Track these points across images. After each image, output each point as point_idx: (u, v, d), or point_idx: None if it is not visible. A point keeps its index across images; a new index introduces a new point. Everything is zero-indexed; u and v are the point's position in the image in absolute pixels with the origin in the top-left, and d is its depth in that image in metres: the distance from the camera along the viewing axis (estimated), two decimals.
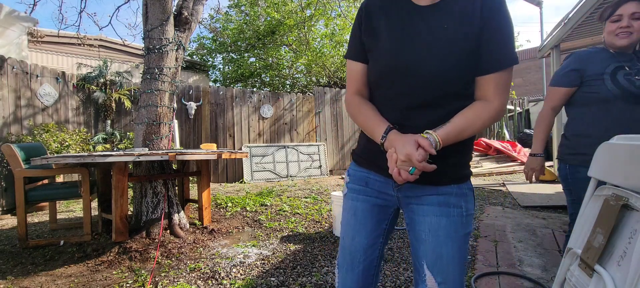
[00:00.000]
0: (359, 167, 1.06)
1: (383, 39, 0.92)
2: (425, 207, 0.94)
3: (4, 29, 5.98)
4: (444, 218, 0.92)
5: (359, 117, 0.98)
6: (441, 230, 0.92)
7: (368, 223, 1.02)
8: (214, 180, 6.62)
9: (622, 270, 0.90)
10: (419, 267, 0.96)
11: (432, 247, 0.92)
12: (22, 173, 2.79)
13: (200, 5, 3.66)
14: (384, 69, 0.92)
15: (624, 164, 1.03)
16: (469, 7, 0.86)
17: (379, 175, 1.00)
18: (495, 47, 0.85)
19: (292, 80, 12.27)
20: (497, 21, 0.85)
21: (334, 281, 2.15)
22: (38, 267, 2.44)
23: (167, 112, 3.32)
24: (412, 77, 0.88)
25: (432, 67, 0.86)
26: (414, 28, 0.89)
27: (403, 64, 0.89)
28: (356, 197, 1.05)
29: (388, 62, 0.91)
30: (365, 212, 1.03)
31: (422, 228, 0.94)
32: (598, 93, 1.49)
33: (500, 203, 4.29)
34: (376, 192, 1.02)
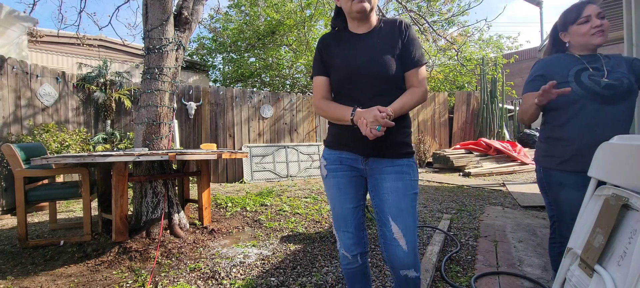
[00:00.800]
0: (332, 151, 1.39)
1: (339, 57, 1.33)
2: (385, 176, 1.29)
3: (4, 29, 5.98)
4: (400, 182, 1.27)
5: (329, 111, 1.32)
6: (399, 190, 1.27)
7: (350, 191, 1.36)
8: (214, 180, 6.62)
9: (622, 270, 0.90)
10: (385, 220, 1.28)
11: (394, 203, 1.26)
12: (22, 173, 2.79)
13: (200, 5, 3.66)
14: (343, 75, 1.31)
15: (624, 164, 1.03)
16: (391, 32, 1.31)
17: (349, 153, 1.34)
18: (411, 52, 1.29)
19: (292, 80, 12.27)
20: (409, 37, 1.30)
21: (334, 281, 2.16)
22: (38, 267, 2.44)
23: (167, 112, 3.32)
24: (362, 78, 1.27)
25: (374, 69, 1.26)
26: (358, 46, 1.32)
27: (355, 70, 1.28)
28: (335, 174, 1.37)
29: (345, 70, 1.30)
30: (346, 183, 1.36)
31: (385, 190, 1.28)
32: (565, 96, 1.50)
33: (500, 203, 4.29)
34: (349, 167, 1.36)
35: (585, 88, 1.47)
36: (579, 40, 1.58)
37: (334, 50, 1.36)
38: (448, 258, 2.47)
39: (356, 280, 1.43)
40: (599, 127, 1.43)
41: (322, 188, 5.35)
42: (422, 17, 6.47)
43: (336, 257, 2.55)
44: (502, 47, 11.59)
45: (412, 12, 6.44)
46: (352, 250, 1.37)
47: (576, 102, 1.48)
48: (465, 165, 7.47)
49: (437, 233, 2.96)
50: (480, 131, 9.19)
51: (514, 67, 14.62)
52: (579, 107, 1.48)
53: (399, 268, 1.26)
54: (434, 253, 2.45)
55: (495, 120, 9.18)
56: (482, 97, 9.33)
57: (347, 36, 1.36)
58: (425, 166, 8.48)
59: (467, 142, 8.31)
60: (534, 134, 9.14)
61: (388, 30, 1.32)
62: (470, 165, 7.50)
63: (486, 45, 11.52)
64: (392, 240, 1.26)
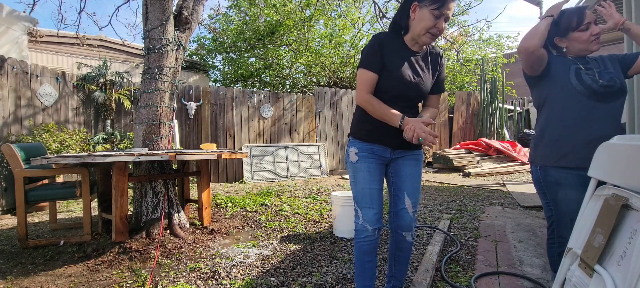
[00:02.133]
0: (364, 143, 1.61)
1: (397, 67, 1.52)
2: (406, 161, 1.64)
3: (4, 29, 5.98)
4: (415, 168, 1.64)
5: (378, 109, 1.50)
6: (414, 174, 1.63)
7: (378, 175, 1.60)
8: (214, 180, 6.62)
9: (622, 270, 0.90)
10: (401, 195, 1.62)
11: (411, 183, 1.62)
12: (22, 174, 2.79)
13: (200, 5, 3.66)
14: (397, 85, 1.53)
15: (624, 164, 1.03)
16: (434, 61, 1.64)
17: (380, 146, 1.60)
18: (441, 82, 1.66)
19: (292, 80, 12.27)
20: (443, 69, 1.67)
21: (334, 281, 2.16)
22: (38, 267, 2.44)
23: (167, 112, 3.32)
24: (409, 93, 1.56)
25: (420, 91, 1.58)
26: (414, 65, 1.56)
27: (408, 86, 1.54)
28: (368, 160, 1.59)
29: (397, 83, 1.53)
30: (375, 169, 1.59)
31: (405, 173, 1.63)
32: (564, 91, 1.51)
33: (500, 203, 4.29)
34: (378, 156, 1.61)
35: (584, 84, 1.50)
36: (578, 46, 1.60)
37: (392, 57, 1.53)
38: (448, 258, 2.47)
39: (369, 253, 1.59)
40: (594, 123, 1.47)
41: (322, 189, 5.35)
42: None
43: (336, 257, 2.55)
44: (502, 47, 11.58)
45: None
46: (374, 224, 1.56)
47: (574, 97, 1.51)
48: (465, 165, 7.47)
49: (437, 233, 2.96)
50: (480, 131, 9.19)
51: (514, 67, 14.61)
52: (577, 103, 1.50)
53: (402, 230, 1.63)
54: (434, 253, 2.45)
55: (495, 120, 9.18)
56: (482, 97, 9.33)
57: (403, 48, 1.57)
58: (425, 166, 8.48)
59: (467, 142, 8.31)
60: (534, 134, 9.14)
61: (433, 59, 1.63)
62: (470, 165, 7.50)
63: (486, 45, 11.52)
64: (403, 209, 1.61)
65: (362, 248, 1.58)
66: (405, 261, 1.70)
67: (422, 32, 1.48)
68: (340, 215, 3.03)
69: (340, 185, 5.94)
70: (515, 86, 13.22)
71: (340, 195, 3.03)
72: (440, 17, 1.44)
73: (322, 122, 7.82)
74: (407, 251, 1.68)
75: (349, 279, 2.18)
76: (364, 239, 1.56)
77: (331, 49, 10.49)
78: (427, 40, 1.50)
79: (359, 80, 1.53)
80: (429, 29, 1.46)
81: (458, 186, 5.69)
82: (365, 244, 1.57)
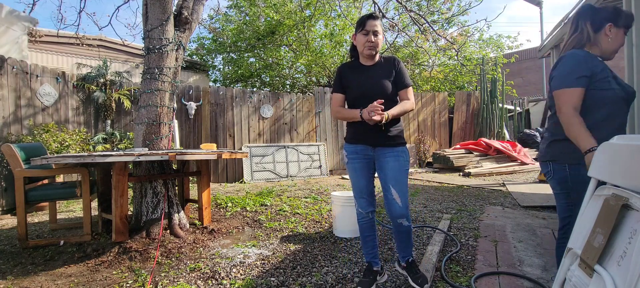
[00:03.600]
0: (350, 145, 2.03)
1: (354, 81, 2.00)
2: (387, 158, 1.95)
3: (4, 29, 5.98)
4: (397, 162, 1.94)
5: (344, 114, 2.00)
6: (396, 168, 1.93)
7: (364, 171, 2.00)
8: (214, 180, 6.62)
9: (622, 270, 0.90)
10: (387, 187, 1.92)
11: (393, 176, 1.92)
12: (22, 173, 2.79)
13: (200, 5, 3.66)
14: (358, 94, 1.98)
15: (624, 164, 1.03)
16: (388, 65, 2.01)
17: (362, 146, 1.99)
18: (402, 79, 2.00)
19: (292, 80, 12.26)
20: (400, 69, 2.01)
21: (334, 281, 2.16)
22: (38, 267, 2.44)
23: (167, 112, 3.32)
24: (370, 95, 1.90)
25: (378, 90, 1.94)
26: (367, 74, 2.00)
27: (365, 90, 1.96)
28: (353, 160, 2.01)
29: (359, 90, 1.98)
30: (360, 167, 2.00)
31: (388, 167, 1.93)
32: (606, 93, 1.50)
33: (500, 203, 4.29)
34: (363, 155, 2.00)
35: (625, 90, 1.53)
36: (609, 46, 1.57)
37: (350, 76, 2.01)
38: (448, 258, 2.47)
39: (367, 229, 2.06)
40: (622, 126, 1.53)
41: (322, 189, 5.36)
42: (422, 17, 6.46)
43: (336, 257, 2.55)
44: (502, 46, 11.57)
45: (412, 12, 6.44)
46: (365, 208, 2.01)
47: (618, 101, 1.52)
48: (465, 165, 7.47)
49: (437, 233, 2.96)
50: (480, 131, 9.18)
51: (514, 67, 14.62)
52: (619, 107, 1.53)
53: (396, 218, 1.93)
54: (434, 253, 2.45)
55: (495, 120, 9.18)
56: (482, 97, 9.33)
57: (359, 66, 2.03)
58: (425, 166, 8.47)
59: (467, 142, 8.31)
60: (534, 134, 9.13)
61: (386, 64, 2.01)
62: (470, 165, 7.50)
63: (486, 45, 11.51)
64: (392, 200, 1.91)
65: (362, 226, 2.07)
66: (406, 240, 2.01)
67: (361, 48, 1.97)
68: (340, 215, 3.03)
69: (340, 185, 5.94)
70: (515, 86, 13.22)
71: (340, 195, 3.03)
72: (369, 33, 1.92)
73: (322, 122, 7.82)
74: (405, 234, 1.99)
75: (349, 279, 2.18)
76: (361, 220, 2.06)
77: (331, 48, 10.48)
78: (368, 51, 1.95)
79: (331, 101, 2.08)
80: (364, 44, 1.94)
81: (458, 186, 5.69)
82: (363, 223, 2.06)
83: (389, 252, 2.64)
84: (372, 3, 6.02)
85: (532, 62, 16.01)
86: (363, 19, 1.94)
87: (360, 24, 1.95)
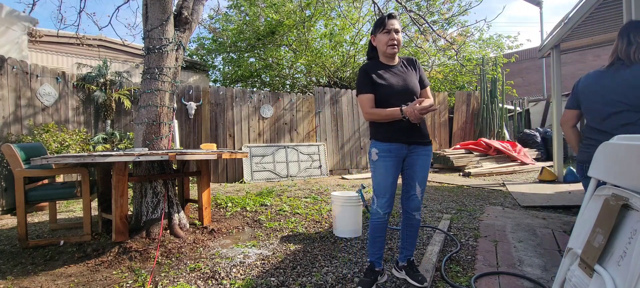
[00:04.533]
0: (383, 143, 1.96)
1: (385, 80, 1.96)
2: (420, 156, 2.00)
3: (4, 29, 5.98)
4: (426, 162, 2.01)
5: (381, 114, 1.92)
6: (425, 167, 2.00)
7: (393, 171, 1.96)
8: (214, 180, 6.62)
9: (622, 270, 0.90)
10: (412, 183, 2.00)
11: (422, 174, 2.00)
12: (22, 173, 2.79)
13: (200, 5, 3.66)
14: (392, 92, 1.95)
15: (624, 164, 1.03)
16: (411, 65, 2.07)
17: (397, 144, 1.95)
18: (424, 79, 2.08)
19: (292, 80, 12.26)
20: (420, 69, 2.09)
21: (334, 281, 2.16)
22: (38, 267, 2.44)
23: (167, 112, 3.32)
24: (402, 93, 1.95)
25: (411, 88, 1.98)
26: (397, 74, 2.00)
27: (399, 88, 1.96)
28: (385, 159, 1.95)
29: (394, 88, 1.95)
30: (391, 166, 1.95)
31: (419, 166, 1.99)
32: None
33: (500, 203, 4.29)
34: (396, 153, 1.96)
35: None
36: None
37: (381, 75, 1.98)
38: (448, 258, 2.47)
39: (380, 230, 2.03)
40: None
41: (322, 189, 5.36)
42: (421, 17, 6.46)
43: (336, 257, 2.55)
44: (502, 46, 11.57)
45: (412, 12, 6.44)
46: (385, 209, 1.99)
47: None
48: (465, 165, 7.47)
49: (437, 233, 2.96)
50: (480, 131, 9.19)
51: (514, 67, 14.61)
52: None
53: (412, 211, 2.04)
54: (434, 253, 2.45)
55: (495, 120, 9.18)
56: (482, 97, 9.33)
57: (385, 66, 2.01)
58: None
59: (467, 142, 8.31)
60: (534, 134, 9.13)
61: (409, 64, 2.07)
62: (470, 165, 7.50)
63: (486, 45, 11.50)
64: (413, 196, 2.02)
65: (375, 226, 2.02)
66: (414, 235, 2.09)
67: (384, 48, 1.96)
68: (340, 215, 3.03)
69: (340, 185, 5.94)
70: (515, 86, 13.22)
71: (340, 195, 3.03)
72: (390, 32, 1.92)
73: (322, 122, 7.82)
74: (416, 227, 2.08)
75: (349, 279, 2.18)
76: (376, 220, 2.01)
77: (331, 48, 10.48)
78: (391, 50, 1.94)
79: (361, 102, 1.97)
80: (387, 42, 1.94)
81: (458, 186, 5.69)
82: (377, 224, 2.01)
83: (388, 252, 2.64)
84: (372, 3, 6.01)
85: (532, 62, 16.00)
86: (383, 19, 1.94)
87: (381, 24, 1.94)
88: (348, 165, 7.99)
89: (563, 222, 3.35)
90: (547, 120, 10.84)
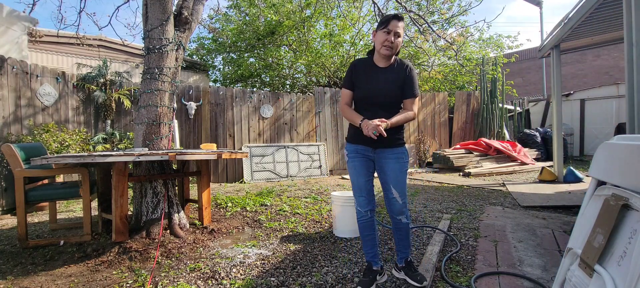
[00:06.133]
0: (351, 144, 2.07)
1: (363, 81, 2.01)
2: (389, 159, 2.00)
3: (4, 29, 5.98)
4: (398, 164, 2.00)
5: (347, 114, 2.03)
6: (396, 168, 1.99)
7: (364, 170, 2.03)
8: (214, 180, 6.62)
9: (622, 270, 0.90)
10: (388, 188, 2.01)
11: (394, 177, 1.99)
12: (22, 173, 2.79)
13: (200, 5, 3.66)
14: (364, 94, 2.00)
15: (624, 164, 1.03)
16: (400, 72, 2.01)
17: (362, 146, 2.03)
18: (411, 88, 2.01)
19: (292, 80, 12.26)
20: (411, 76, 2.01)
21: (334, 281, 2.16)
22: (38, 267, 2.44)
23: (167, 112, 3.32)
24: (376, 98, 1.98)
25: (384, 94, 1.98)
26: (377, 77, 2.01)
27: (372, 93, 1.99)
28: (353, 160, 2.05)
29: (365, 91, 2.00)
30: (360, 165, 2.03)
31: (388, 169, 2.00)
32: None
33: (500, 203, 4.29)
34: (363, 155, 2.04)
35: None
36: None
37: (361, 75, 2.02)
38: (448, 258, 2.47)
39: (367, 228, 2.06)
40: None
41: (322, 189, 5.36)
42: (421, 18, 6.46)
43: (336, 257, 2.55)
44: (502, 46, 11.57)
45: (412, 12, 6.43)
46: (364, 207, 2.03)
47: None
48: (465, 165, 7.47)
49: (437, 233, 2.96)
50: (480, 131, 9.18)
51: (514, 67, 14.61)
52: None
53: (396, 215, 2.03)
54: (434, 253, 2.45)
55: (495, 120, 9.18)
56: (482, 97, 9.32)
57: (372, 66, 2.03)
58: (425, 166, 8.47)
59: (467, 142, 8.31)
60: (534, 134, 9.13)
61: (398, 69, 2.01)
62: (470, 165, 7.50)
63: (486, 45, 11.50)
64: (392, 199, 2.01)
65: (361, 225, 2.07)
66: (405, 238, 2.08)
67: (379, 46, 1.96)
68: (340, 215, 3.03)
69: (340, 185, 5.94)
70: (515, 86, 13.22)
71: (340, 195, 3.03)
72: (390, 33, 1.90)
73: (322, 122, 7.81)
74: (404, 231, 2.07)
75: (348, 279, 2.18)
76: (361, 219, 2.06)
77: (331, 48, 10.48)
78: (385, 51, 1.94)
79: (341, 96, 2.09)
80: (383, 42, 1.92)
81: (458, 186, 5.69)
82: (362, 222, 2.06)
83: (389, 252, 2.64)
84: (372, 3, 6.01)
85: (532, 62, 16.01)
86: (388, 18, 1.92)
87: (384, 22, 1.93)
88: None
89: (563, 222, 3.35)
90: (547, 120, 10.84)
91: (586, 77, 14.46)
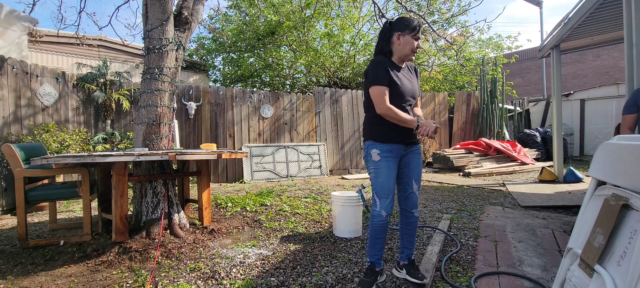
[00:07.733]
0: (384, 144, 1.98)
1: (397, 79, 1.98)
2: (414, 154, 2.09)
3: (4, 29, 5.98)
4: (419, 158, 2.11)
5: (399, 116, 1.91)
6: (419, 163, 2.10)
7: (395, 171, 2.01)
8: (214, 180, 6.61)
9: (622, 270, 0.90)
10: (409, 181, 2.07)
11: (417, 171, 2.08)
12: (22, 173, 2.79)
13: (200, 5, 3.66)
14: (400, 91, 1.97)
15: (624, 164, 1.03)
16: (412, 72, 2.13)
17: (396, 145, 2.00)
18: (419, 87, 2.13)
19: (292, 80, 12.26)
20: (418, 77, 2.16)
21: (334, 281, 2.16)
22: (38, 267, 2.44)
23: (167, 112, 3.32)
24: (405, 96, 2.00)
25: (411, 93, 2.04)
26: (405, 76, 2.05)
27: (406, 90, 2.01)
28: (388, 159, 1.97)
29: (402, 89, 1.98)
30: (394, 166, 1.99)
31: (413, 164, 2.07)
32: None
33: (500, 203, 4.29)
34: (396, 154, 2.01)
35: None
36: None
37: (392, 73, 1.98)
38: (448, 258, 2.47)
39: (381, 232, 2.01)
40: None
41: (322, 189, 5.35)
42: (421, 17, 6.46)
43: (336, 257, 2.55)
44: (502, 46, 11.57)
45: (412, 12, 6.44)
46: (389, 210, 1.97)
47: None
48: (465, 165, 7.47)
49: (437, 233, 2.96)
50: (480, 131, 9.18)
51: (514, 67, 14.61)
52: None
53: (411, 208, 2.08)
54: (434, 253, 2.45)
55: (495, 120, 9.18)
56: (482, 97, 9.32)
57: (394, 66, 2.01)
58: (425, 166, 8.47)
59: (467, 142, 8.31)
60: (534, 134, 9.14)
61: (412, 70, 2.14)
62: (470, 165, 7.50)
63: (486, 45, 11.51)
64: (411, 193, 2.07)
65: (376, 228, 1.99)
66: (413, 233, 2.12)
67: (408, 52, 1.98)
68: (340, 215, 3.03)
69: (340, 185, 5.94)
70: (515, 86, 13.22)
71: (340, 195, 3.03)
72: (418, 39, 1.98)
73: (322, 122, 7.81)
74: (415, 224, 2.11)
75: (349, 279, 2.18)
76: (378, 222, 1.98)
77: (330, 48, 10.48)
78: (413, 56, 2.02)
79: (376, 94, 1.92)
80: (413, 49, 1.97)
81: (458, 186, 5.69)
82: (379, 226, 1.99)
83: (389, 252, 2.64)
84: (372, 3, 6.01)
85: (532, 62, 16.01)
86: (417, 25, 1.95)
87: (413, 29, 1.94)
88: (348, 165, 7.99)
89: (563, 222, 3.35)
90: (547, 120, 10.84)
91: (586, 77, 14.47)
